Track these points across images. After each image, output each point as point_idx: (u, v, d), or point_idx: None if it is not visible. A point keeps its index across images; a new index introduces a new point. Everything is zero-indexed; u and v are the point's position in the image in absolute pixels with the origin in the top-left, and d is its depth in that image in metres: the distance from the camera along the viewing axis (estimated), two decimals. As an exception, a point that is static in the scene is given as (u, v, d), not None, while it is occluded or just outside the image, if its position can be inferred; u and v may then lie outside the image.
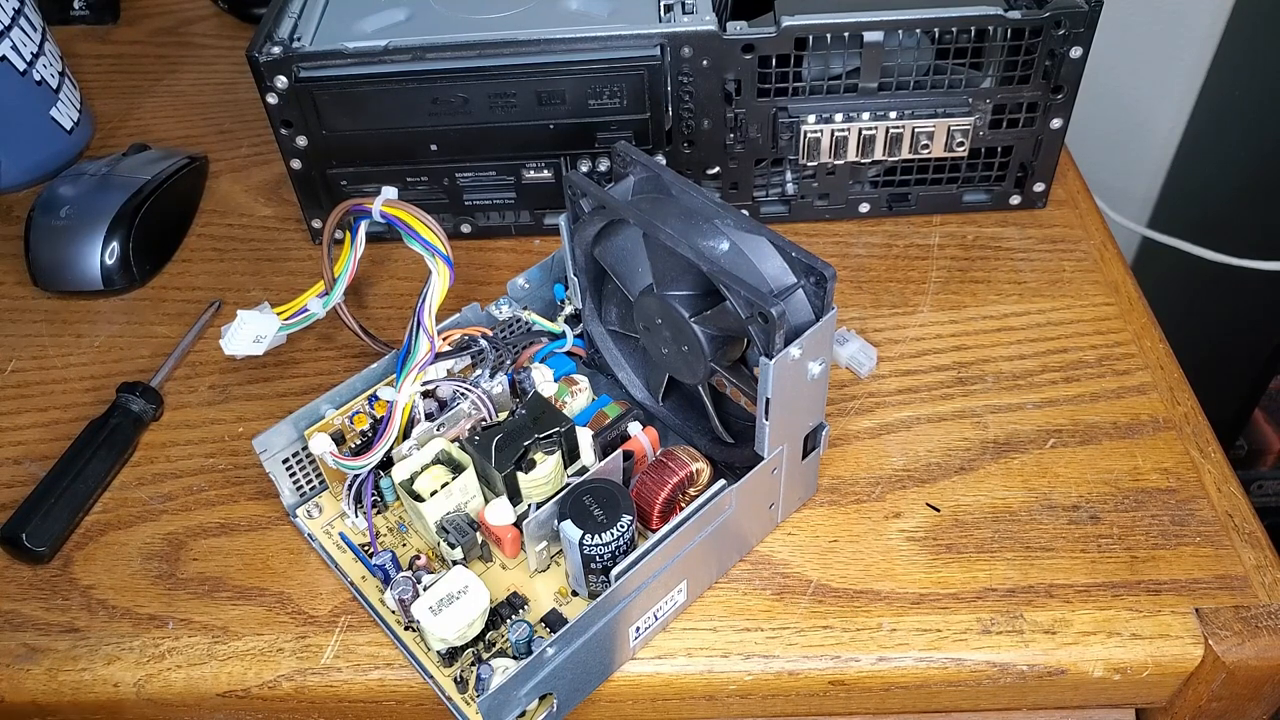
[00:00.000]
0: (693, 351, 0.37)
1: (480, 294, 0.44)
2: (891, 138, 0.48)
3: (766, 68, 0.47)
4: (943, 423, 0.44)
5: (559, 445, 0.38)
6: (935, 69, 0.48)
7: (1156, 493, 0.41)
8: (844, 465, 0.43)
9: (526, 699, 0.33)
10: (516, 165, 0.50)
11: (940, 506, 0.41)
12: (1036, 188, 0.53)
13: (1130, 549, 0.40)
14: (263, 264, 0.53)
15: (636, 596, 0.35)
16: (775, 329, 0.32)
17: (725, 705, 0.38)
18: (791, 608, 0.38)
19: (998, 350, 0.47)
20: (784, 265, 0.35)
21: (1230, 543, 0.40)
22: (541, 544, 0.37)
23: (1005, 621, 0.38)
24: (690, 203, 0.37)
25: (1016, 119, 0.49)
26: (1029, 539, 0.40)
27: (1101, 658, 0.37)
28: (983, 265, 0.51)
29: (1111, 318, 0.48)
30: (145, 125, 0.63)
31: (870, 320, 0.48)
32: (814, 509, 0.41)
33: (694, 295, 0.36)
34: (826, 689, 0.38)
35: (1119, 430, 0.44)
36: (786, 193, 0.52)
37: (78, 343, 0.50)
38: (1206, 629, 0.37)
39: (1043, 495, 0.41)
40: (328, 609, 0.39)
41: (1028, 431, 0.44)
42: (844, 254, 0.52)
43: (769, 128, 0.49)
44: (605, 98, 0.47)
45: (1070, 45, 0.47)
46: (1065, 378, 0.46)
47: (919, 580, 0.39)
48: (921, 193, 0.53)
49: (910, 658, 0.37)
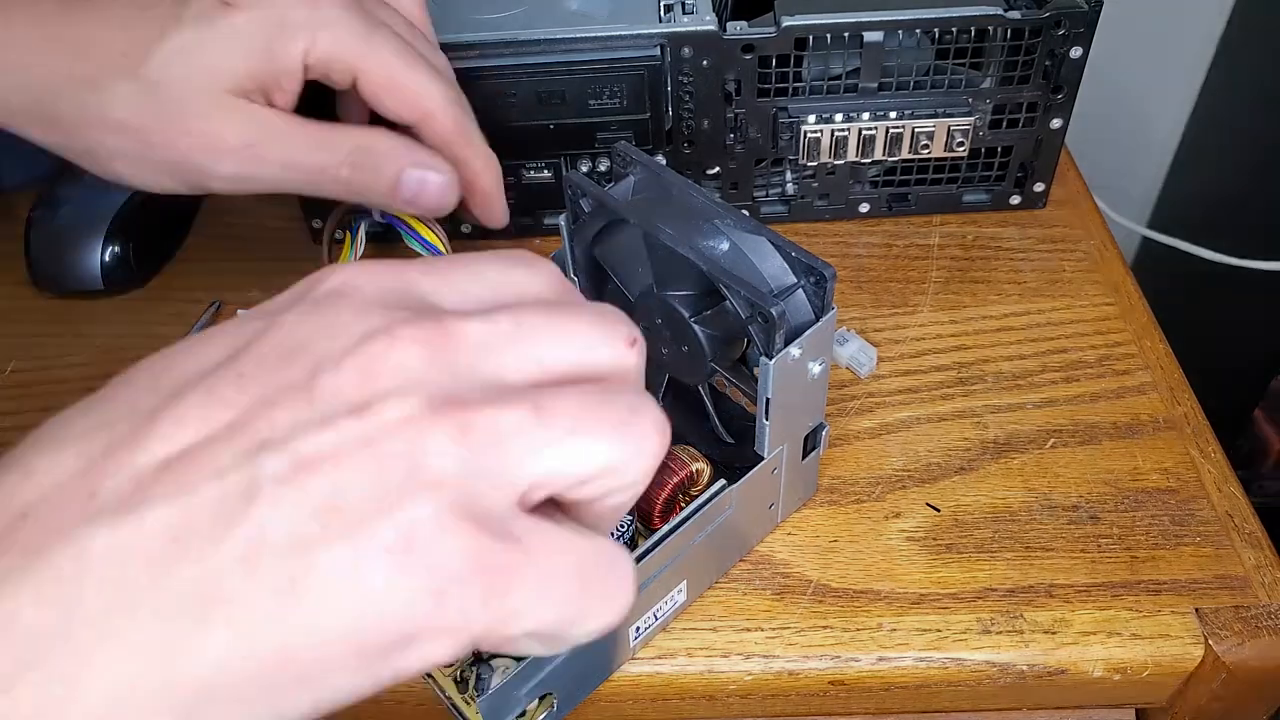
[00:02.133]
0: (693, 352, 0.37)
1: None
2: (891, 138, 0.48)
3: (766, 68, 0.47)
4: (943, 423, 0.44)
5: (559, 445, 0.38)
6: (935, 69, 0.48)
7: (1156, 493, 0.41)
8: (844, 465, 0.43)
9: (526, 699, 0.33)
10: (516, 165, 0.50)
11: (940, 506, 0.41)
12: (1036, 188, 0.53)
13: (1130, 549, 0.40)
14: (263, 264, 0.52)
15: (637, 596, 0.35)
16: (775, 329, 0.32)
17: (725, 705, 0.38)
18: (791, 608, 0.38)
19: (998, 350, 0.47)
20: (784, 265, 0.35)
21: (1230, 543, 0.40)
22: (541, 544, 0.37)
23: (1005, 621, 0.38)
24: (690, 203, 0.37)
25: (1016, 119, 0.49)
26: (1029, 539, 0.40)
27: (1101, 658, 0.37)
28: (983, 265, 0.51)
29: (1112, 318, 0.48)
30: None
31: (870, 320, 0.48)
32: (814, 509, 0.41)
33: (694, 295, 0.36)
34: (826, 689, 0.38)
35: (1119, 430, 0.44)
36: (786, 193, 0.52)
37: (78, 343, 0.50)
38: (1206, 629, 0.37)
39: (1043, 495, 0.41)
40: (328, 609, 0.39)
41: (1028, 431, 0.44)
42: (844, 254, 0.52)
43: (769, 128, 0.49)
44: (605, 98, 0.47)
45: (1070, 45, 0.47)
46: (1065, 378, 0.46)
47: (919, 580, 0.39)
48: (921, 193, 0.53)
49: (910, 658, 0.37)
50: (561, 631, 0.23)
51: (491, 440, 0.22)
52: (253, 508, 0.20)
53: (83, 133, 0.37)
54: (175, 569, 0.20)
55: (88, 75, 0.36)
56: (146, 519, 0.20)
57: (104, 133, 0.37)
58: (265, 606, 0.20)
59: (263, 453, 0.21)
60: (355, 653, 0.21)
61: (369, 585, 0.20)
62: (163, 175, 0.38)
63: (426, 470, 0.21)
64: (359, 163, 0.38)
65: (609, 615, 0.24)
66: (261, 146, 0.37)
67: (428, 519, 0.21)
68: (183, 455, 0.21)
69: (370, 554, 0.20)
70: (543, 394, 0.23)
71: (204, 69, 0.36)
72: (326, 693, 0.21)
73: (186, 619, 0.20)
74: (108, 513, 0.20)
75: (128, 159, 0.38)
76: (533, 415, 0.22)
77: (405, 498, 0.21)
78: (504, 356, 0.23)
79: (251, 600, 0.20)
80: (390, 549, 0.20)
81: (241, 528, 0.20)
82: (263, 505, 0.20)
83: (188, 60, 0.36)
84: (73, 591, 0.20)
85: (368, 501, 0.21)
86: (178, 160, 0.37)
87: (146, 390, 0.23)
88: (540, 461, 0.22)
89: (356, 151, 0.38)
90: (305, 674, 0.21)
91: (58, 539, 0.20)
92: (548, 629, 0.23)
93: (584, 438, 0.23)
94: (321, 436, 0.21)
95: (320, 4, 0.37)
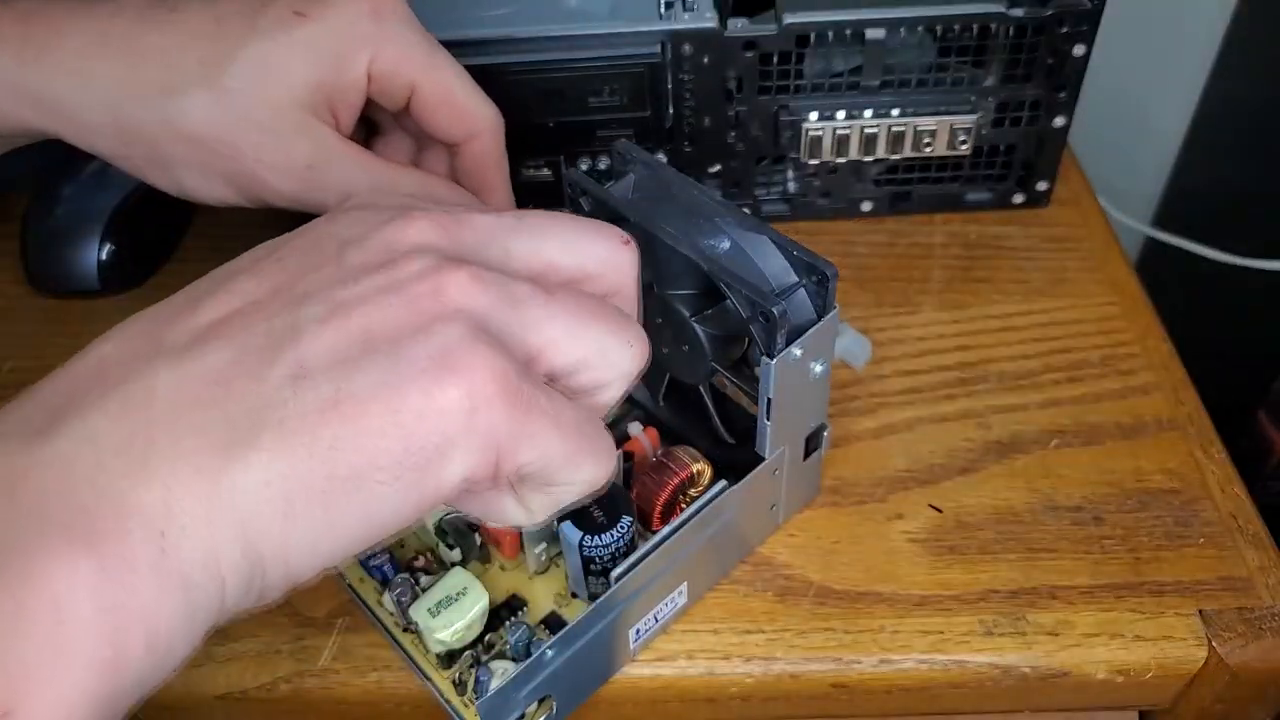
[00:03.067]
0: (694, 351, 0.36)
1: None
2: (894, 136, 0.48)
3: (768, 65, 0.47)
4: (945, 423, 0.44)
5: (558, 446, 0.38)
6: (938, 67, 0.47)
7: (1160, 493, 0.41)
8: (846, 466, 0.42)
9: (525, 701, 0.33)
10: (516, 163, 0.49)
11: (943, 508, 0.41)
12: (1039, 186, 0.52)
13: (1133, 550, 0.39)
14: (261, 263, 0.52)
15: (637, 598, 0.34)
16: (777, 328, 0.32)
17: (726, 708, 0.38)
18: (793, 610, 0.38)
19: (1001, 350, 0.47)
20: (785, 264, 0.35)
21: (1234, 544, 0.39)
22: (541, 545, 0.37)
23: (1008, 623, 0.37)
24: (691, 201, 0.36)
25: (1019, 117, 0.49)
26: (1032, 540, 0.40)
27: (1105, 659, 0.37)
28: (985, 264, 0.51)
29: (1115, 317, 0.48)
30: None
31: (873, 320, 0.48)
32: (816, 510, 0.41)
33: (695, 294, 0.36)
34: (828, 691, 0.37)
35: (1122, 431, 0.43)
36: (788, 191, 0.52)
37: (74, 343, 0.49)
38: (1210, 631, 0.37)
39: (1046, 496, 0.41)
40: (325, 610, 0.38)
41: (1031, 432, 0.43)
42: (846, 253, 0.51)
43: (770, 126, 0.49)
44: (605, 95, 0.47)
45: (1073, 43, 0.46)
46: (1069, 378, 0.45)
47: (921, 582, 0.39)
48: (924, 191, 0.52)
49: (912, 660, 0.37)
50: (558, 471, 0.26)
51: (505, 297, 0.25)
52: (299, 341, 0.23)
53: (159, 145, 0.38)
54: (230, 392, 0.23)
55: (167, 83, 0.37)
56: (205, 357, 0.23)
57: (176, 144, 0.38)
58: (313, 420, 0.22)
59: (304, 304, 0.24)
60: (397, 461, 0.23)
61: (407, 395, 0.23)
62: (228, 188, 0.39)
63: (452, 301, 0.24)
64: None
65: (599, 469, 0.27)
66: (322, 170, 0.38)
67: (459, 337, 0.23)
68: (234, 314, 0.25)
69: (408, 366, 0.23)
70: (549, 280, 0.27)
71: (277, 79, 0.37)
72: (374, 504, 0.23)
73: (241, 431, 0.22)
74: (172, 354, 0.24)
75: (196, 171, 0.39)
76: (541, 291, 0.26)
77: (436, 321, 0.24)
78: (511, 243, 0.27)
79: (301, 413, 0.22)
80: (426, 362, 0.23)
81: (289, 354, 0.23)
82: (306, 338, 0.23)
83: (263, 70, 0.37)
84: (140, 415, 0.23)
85: (402, 328, 0.24)
86: (242, 173, 0.38)
87: (203, 281, 0.27)
88: (546, 329, 0.25)
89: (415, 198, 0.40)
90: (352, 480, 0.23)
91: (129, 375, 0.24)
92: (551, 463, 0.25)
93: (583, 321, 0.26)
94: (353, 288, 0.24)
95: (386, 18, 0.38)
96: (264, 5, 0.38)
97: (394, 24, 0.38)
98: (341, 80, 0.38)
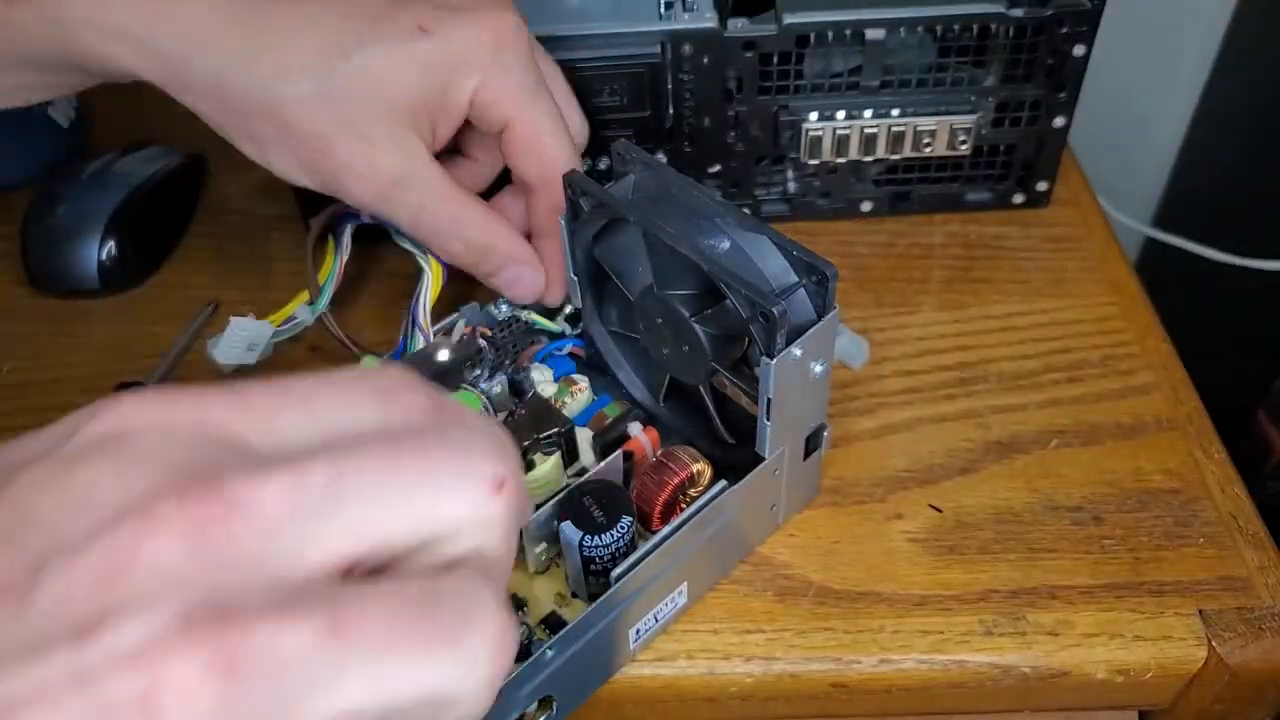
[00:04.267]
0: (694, 351, 0.36)
1: (479, 293, 0.44)
2: (893, 136, 0.48)
3: (768, 65, 0.47)
4: (945, 423, 0.44)
5: (558, 446, 0.38)
6: (938, 67, 0.47)
7: (1160, 493, 0.41)
8: (846, 466, 0.42)
9: (525, 701, 0.33)
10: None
11: (942, 507, 0.41)
12: (1039, 186, 0.52)
13: (1133, 550, 0.39)
14: (261, 264, 0.52)
15: (637, 598, 0.34)
16: (777, 328, 0.32)
17: (726, 708, 0.38)
18: (793, 610, 0.38)
19: (1000, 350, 0.47)
20: (785, 264, 0.35)
21: (1234, 544, 0.39)
22: (541, 545, 0.37)
23: (1008, 623, 0.37)
24: (691, 201, 0.36)
25: (1019, 117, 0.49)
26: (1032, 540, 0.40)
27: (1104, 659, 0.37)
28: (985, 264, 0.51)
29: (1115, 317, 0.48)
30: (142, 122, 0.63)
31: (872, 320, 0.48)
32: (816, 510, 0.41)
33: (695, 295, 0.36)
34: (828, 691, 0.37)
35: (1122, 431, 0.43)
36: (788, 191, 0.52)
37: (74, 343, 0.49)
38: (1210, 631, 0.37)
39: (1046, 496, 0.41)
40: (326, 610, 0.38)
41: (1030, 432, 0.43)
42: (846, 253, 0.51)
43: (770, 126, 0.49)
44: (605, 95, 0.47)
45: (1073, 43, 0.46)
46: (1068, 378, 0.45)
47: (921, 582, 0.39)
48: (924, 191, 0.52)
49: (912, 660, 0.37)
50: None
51: (265, 673, 0.16)
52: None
53: (253, 121, 0.37)
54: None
55: (279, 65, 0.36)
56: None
57: (270, 124, 0.37)
58: None
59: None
60: None
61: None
62: (309, 177, 0.39)
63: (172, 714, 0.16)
64: (474, 248, 0.40)
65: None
66: (403, 188, 0.38)
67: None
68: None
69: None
70: (347, 598, 0.18)
71: (387, 91, 0.37)
72: None
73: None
74: None
75: (285, 153, 0.38)
76: (326, 633, 0.17)
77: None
78: (307, 530, 0.18)
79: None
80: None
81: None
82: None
83: (376, 79, 0.37)
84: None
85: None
86: (326, 169, 0.38)
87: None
88: (331, 698, 0.17)
89: (476, 242, 0.40)
90: None
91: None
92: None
93: (393, 662, 0.18)
94: (27, 671, 0.16)
95: (505, 48, 0.38)
96: (392, 9, 0.37)
97: (509, 57, 0.38)
98: (445, 101, 0.37)
